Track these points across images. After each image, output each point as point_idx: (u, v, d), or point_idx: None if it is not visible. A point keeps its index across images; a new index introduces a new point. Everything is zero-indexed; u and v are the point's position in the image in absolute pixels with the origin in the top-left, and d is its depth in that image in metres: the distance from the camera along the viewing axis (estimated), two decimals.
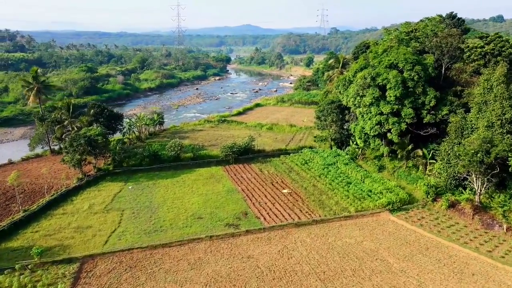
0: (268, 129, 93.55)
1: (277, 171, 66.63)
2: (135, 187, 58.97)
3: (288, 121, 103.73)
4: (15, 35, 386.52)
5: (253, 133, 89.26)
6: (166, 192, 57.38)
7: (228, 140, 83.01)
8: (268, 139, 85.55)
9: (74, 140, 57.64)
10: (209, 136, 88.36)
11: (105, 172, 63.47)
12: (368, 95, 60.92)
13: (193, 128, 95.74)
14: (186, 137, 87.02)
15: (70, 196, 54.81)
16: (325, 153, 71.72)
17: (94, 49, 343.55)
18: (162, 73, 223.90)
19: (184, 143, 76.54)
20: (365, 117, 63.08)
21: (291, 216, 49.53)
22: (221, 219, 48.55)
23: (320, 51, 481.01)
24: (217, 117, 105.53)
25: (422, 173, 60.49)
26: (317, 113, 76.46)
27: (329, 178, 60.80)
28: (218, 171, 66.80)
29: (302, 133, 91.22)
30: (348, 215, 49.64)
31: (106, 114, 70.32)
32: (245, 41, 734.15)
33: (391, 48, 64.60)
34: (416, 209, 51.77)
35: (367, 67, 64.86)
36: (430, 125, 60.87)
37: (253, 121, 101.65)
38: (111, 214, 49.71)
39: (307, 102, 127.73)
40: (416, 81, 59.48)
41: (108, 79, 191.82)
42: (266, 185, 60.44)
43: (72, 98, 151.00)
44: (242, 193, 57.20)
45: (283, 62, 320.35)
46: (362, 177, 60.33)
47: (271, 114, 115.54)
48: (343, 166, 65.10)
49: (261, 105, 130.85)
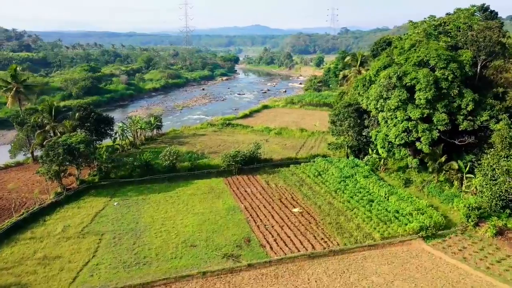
0: (277, 134, 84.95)
1: (287, 184, 58.03)
2: (122, 204, 50.82)
3: (298, 124, 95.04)
4: (22, 34, 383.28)
5: (259, 139, 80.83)
6: (157, 210, 49.14)
7: (232, 147, 74.69)
8: (276, 145, 76.96)
9: (51, 149, 49.74)
10: (211, 141, 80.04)
11: (89, 185, 55.50)
12: (393, 98, 52.01)
13: (194, 133, 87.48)
14: (186, 142, 78.83)
15: (44, 215, 46.81)
16: (341, 163, 62.92)
17: (101, 49, 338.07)
18: (168, 73, 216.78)
19: (181, 150, 68.46)
20: (389, 123, 54.17)
21: (303, 244, 40.88)
22: (218, 248, 40.10)
23: (330, 51, 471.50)
24: (221, 120, 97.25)
25: (457, 189, 51.41)
26: (331, 117, 67.66)
27: (347, 194, 52.01)
28: (218, 183, 58.41)
29: (314, 138, 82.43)
30: (372, 244, 40.82)
31: (93, 117, 62.39)
32: (254, 41, 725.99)
33: (420, 43, 55.60)
34: (455, 235, 42.73)
35: (392, 65, 55.97)
36: (466, 133, 51.76)
37: (260, 125, 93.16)
38: (87, 239, 41.56)
39: (318, 104, 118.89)
40: (451, 81, 50.43)
41: (111, 79, 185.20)
42: (274, 201, 51.86)
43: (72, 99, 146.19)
44: (245, 212, 48.71)
45: (292, 62, 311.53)
46: (386, 193, 51.40)
47: (279, 116, 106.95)
48: (363, 179, 56.24)
49: (269, 107, 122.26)
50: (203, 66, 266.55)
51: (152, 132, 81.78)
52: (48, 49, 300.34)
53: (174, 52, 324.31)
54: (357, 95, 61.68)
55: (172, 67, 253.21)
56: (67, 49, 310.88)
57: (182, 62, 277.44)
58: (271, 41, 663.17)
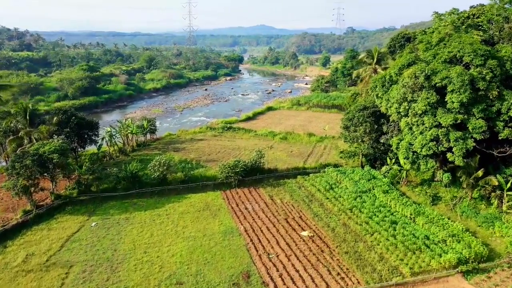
0: (282, 139, 77.15)
1: (294, 200, 50.29)
2: (100, 224, 43.36)
3: (305, 128, 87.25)
4: (24, 34, 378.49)
5: (263, 144, 73.19)
6: (141, 232, 41.62)
7: (232, 154, 67.16)
8: (281, 152, 69.20)
9: (17, 160, 42.41)
10: (209, 147, 72.43)
11: (65, 200, 48.11)
12: (420, 101, 44.10)
13: (192, 137, 79.87)
14: (181, 149, 71.28)
15: (5, 240, 39.45)
16: (355, 175, 55.10)
17: (103, 48, 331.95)
18: (170, 73, 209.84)
19: (175, 159, 60.88)
20: (414, 130, 46.27)
21: (316, 281, 33.14)
22: (210, 287, 32.46)
23: (335, 51, 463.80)
24: (221, 123, 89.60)
25: (496, 209, 43.42)
26: (344, 121, 59.83)
27: (365, 214, 44.19)
28: (215, 198, 50.80)
29: (323, 144, 74.55)
30: (401, 282, 33.02)
31: (74, 122, 55.00)
32: (259, 41, 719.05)
33: (450, 36, 47.65)
34: (501, 270, 34.82)
35: (417, 62, 48.03)
36: (507, 142, 43.84)
37: (263, 129, 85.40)
38: (51, 273, 34.10)
39: (326, 106, 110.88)
40: (489, 81, 42.50)
41: (111, 79, 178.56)
42: (279, 222, 44.17)
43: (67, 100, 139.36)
44: (244, 236, 41.05)
45: (297, 62, 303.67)
46: (411, 213, 43.53)
47: (285, 119, 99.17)
48: (382, 194, 48.38)
49: (274, 108, 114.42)
50: (206, 66, 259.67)
51: (145, 137, 74.30)
52: (49, 49, 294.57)
53: (177, 51, 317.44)
54: (374, 97, 53.80)
55: (175, 66, 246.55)
56: (68, 49, 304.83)
57: (185, 61, 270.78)
58: (276, 41, 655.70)
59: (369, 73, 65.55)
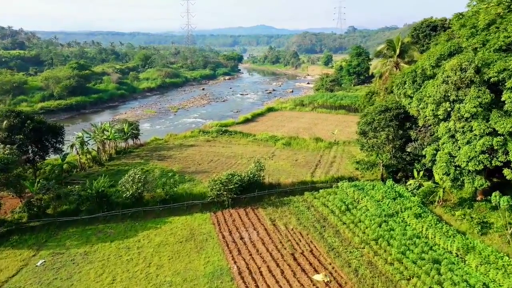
0: (285, 145, 66.75)
1: (302, 226, 39.88)
2: (49, 263, 33.01)
3: (311, 132, 76.90)
4: (19, 32, 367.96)
5: (263, 151, 62.92)
6: (100, 275, 31.26)
7: (227, 163, 56.93)
8: (284, 161, 58.84)
9: None
10: (201, 155, 62.05)
11: (11, 227, 37.75)
12: (469, 100, 33.75)
13: (181, 143, 69.44)
14: (167, 157, 60.94)
15: None
16: (377, 192, 44.70)
17: (98, 47, 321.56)
18: (166, 72, 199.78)
19: (156, 171, 50.41)
20: (458, 138, 35.93)
21: None
22: None
23: (337, 50, 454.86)
24: (216, 126, 79.22)
25: None
26: (361, 126, 49.38)
27: (395, 248, 33.82)
28: (203, 223, 40.43)
29: (333, 151, 64.16)
30: None
31: (30, 127, 44.63)
32: (259, 41, 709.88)
33: (503, 18, 37.30)
34: None
35: (459, 51, 37.72)
36: None
37: (264, 133, 74.94)
38: None
39: (333, 106, 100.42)
40: None
41: (102, 78, 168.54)
42: (284, 259, 33.78)
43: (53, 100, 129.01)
44: (238, 280, 30.65)
45: (299, 61, 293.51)
46: (459, 248, 33.15)
47: (287, 121, 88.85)
48: (414, 220, 38.00)
49: (275, 109, 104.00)
50: (204, 65, 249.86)
51: (126, 143, 63.85)
52: (43, 47, 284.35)
53: (175, 50, 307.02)
54: (401, 95, 43.44)
55: (172, 65, 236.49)
56: (62, 47, 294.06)
57: (183, 60, 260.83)
58: (276, 40, 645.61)
59: (389, 68, 54.86)
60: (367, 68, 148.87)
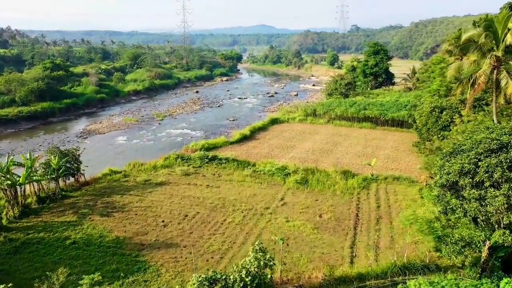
0: (299, 184, 44.91)
1: None
2: None
3: (333, 157, 55.56)
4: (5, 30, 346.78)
5: (268, 194, 41.57)
6: None
7: (211, 222, 35.81)
8: (301, 217, 37.21)
9: None
10: (172, 204, 40.34)
11: None
12: None
13: (147, 179, 47.25)
14: (119, 207, 39.28)
15: None
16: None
17: (88, 45, 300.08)
18: (156, 72, 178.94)
19: (65, 272, 28.74)
20: None
21: None
22: None
23: (340, 49, 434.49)
24: (201, 148, 57.44)
25: None
26: (448, 170, 27.47)
27: None
28: None
29: (373, 194, 42.59)
30: None
31: None
32: (259, 41, 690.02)
33: None
34: None
35: None
36: None
37: (267, 160, 53.13)
38: None
39: (355, 118, 78.64)
40: None
41: (81, 80, 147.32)
42: None
43: (14, 106, 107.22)
44: None
45: (302, 61, 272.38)
46: None
47: (298, 139, 67.35)
48: None
49: (281, 121, 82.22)
50: (200, 64, 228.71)
51: (56, 183, 41.96)
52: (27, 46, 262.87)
53: (171, 49, 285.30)
54: None
55: (164, 65, 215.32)
56: (48, 46, 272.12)
57: (178, 60, 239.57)
58: (277, 40, 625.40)
59: (487, 71, 31.83)
60: (386, 69, 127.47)
